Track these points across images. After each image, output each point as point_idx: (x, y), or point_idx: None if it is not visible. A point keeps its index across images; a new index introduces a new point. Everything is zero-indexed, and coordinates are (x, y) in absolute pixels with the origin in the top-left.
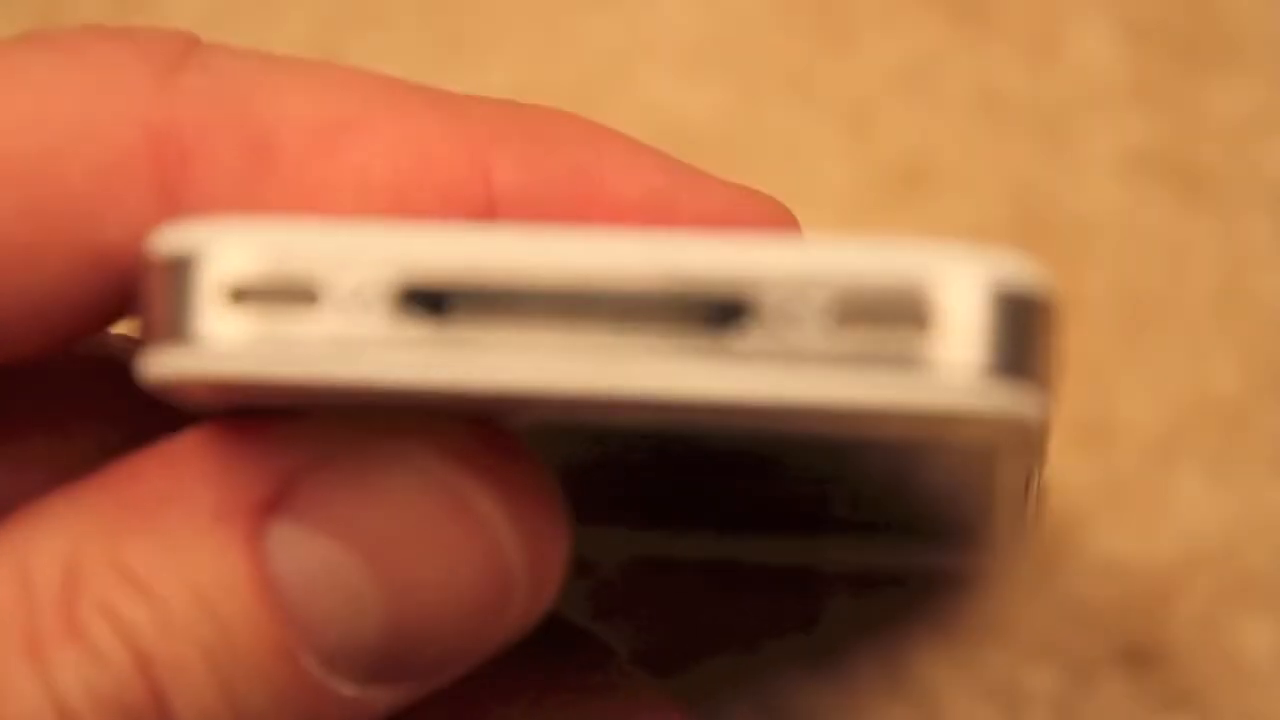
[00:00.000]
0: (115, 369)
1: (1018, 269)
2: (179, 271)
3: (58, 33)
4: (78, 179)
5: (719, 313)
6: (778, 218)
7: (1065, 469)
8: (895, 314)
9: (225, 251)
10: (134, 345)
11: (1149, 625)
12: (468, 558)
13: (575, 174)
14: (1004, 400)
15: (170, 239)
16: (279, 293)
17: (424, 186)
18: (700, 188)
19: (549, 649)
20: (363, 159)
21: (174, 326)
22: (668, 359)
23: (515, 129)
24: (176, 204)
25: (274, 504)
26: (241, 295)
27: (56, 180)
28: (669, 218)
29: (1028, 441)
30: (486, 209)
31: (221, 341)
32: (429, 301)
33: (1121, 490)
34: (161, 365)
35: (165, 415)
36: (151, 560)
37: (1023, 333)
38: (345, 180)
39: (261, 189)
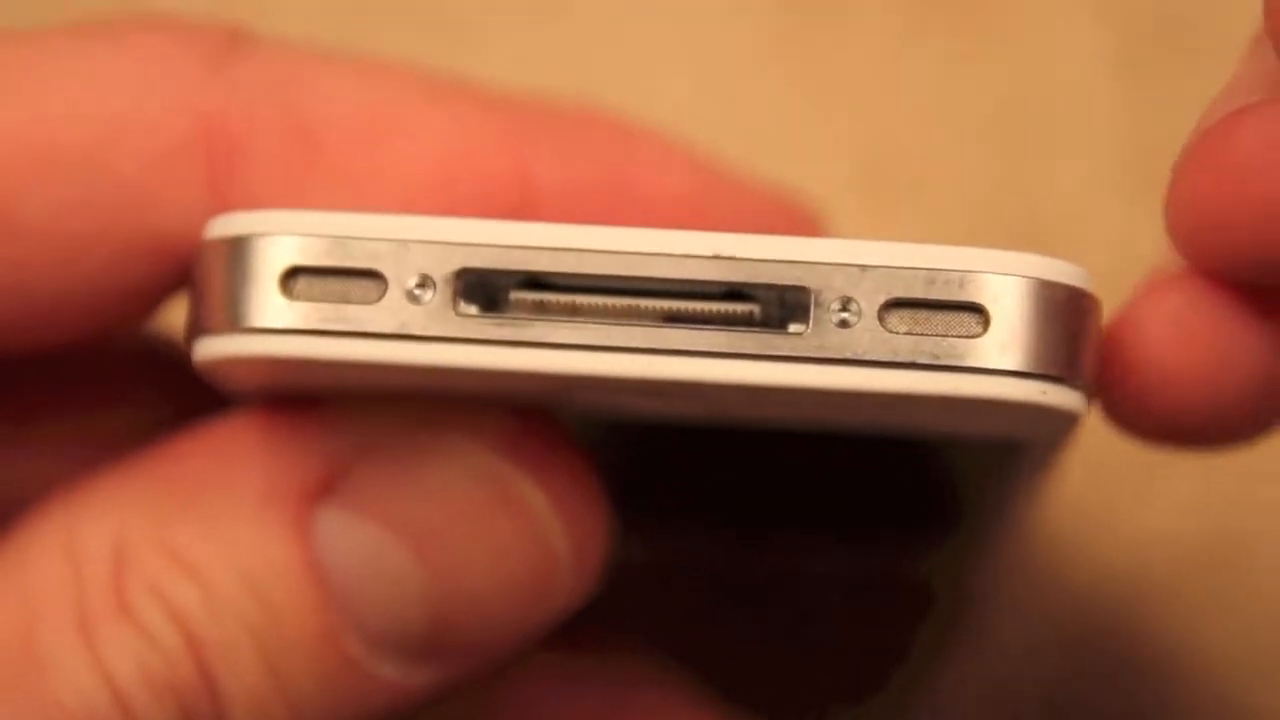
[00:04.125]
0: (148, 354)
1: (1059, 269)
2: (241, 254)
3: (104, 23)
4: (130, 169)
5: (773, 306)
6: (805, 217)
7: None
8: (944, 310)
9: (288, 236)
10: (167, 332)
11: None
12: (513, 546)
13: (611, 172)
14: (1046, 393)
15: (232, 223)
16: (339, 278)
17: (464, 182)
18: (732, 187)
19: (576, 631)
20: (406, 153)
21: (234, 308)
22: (723, 348)
23: (553, 127)
24: (224, 193)
25: (322, 490)
26: (302, 280)
27: (109, 170)
28: (703, 215)
29: (1066, 433)
30: (525, 205)
31: (282, 323)
32: (487, 291)
33: (1122, 484)
34: (220, 346)
35: (200, 400)
36: (200, 543)
37: (1064, 328)
38: (388, 173)
39: (307, 180)
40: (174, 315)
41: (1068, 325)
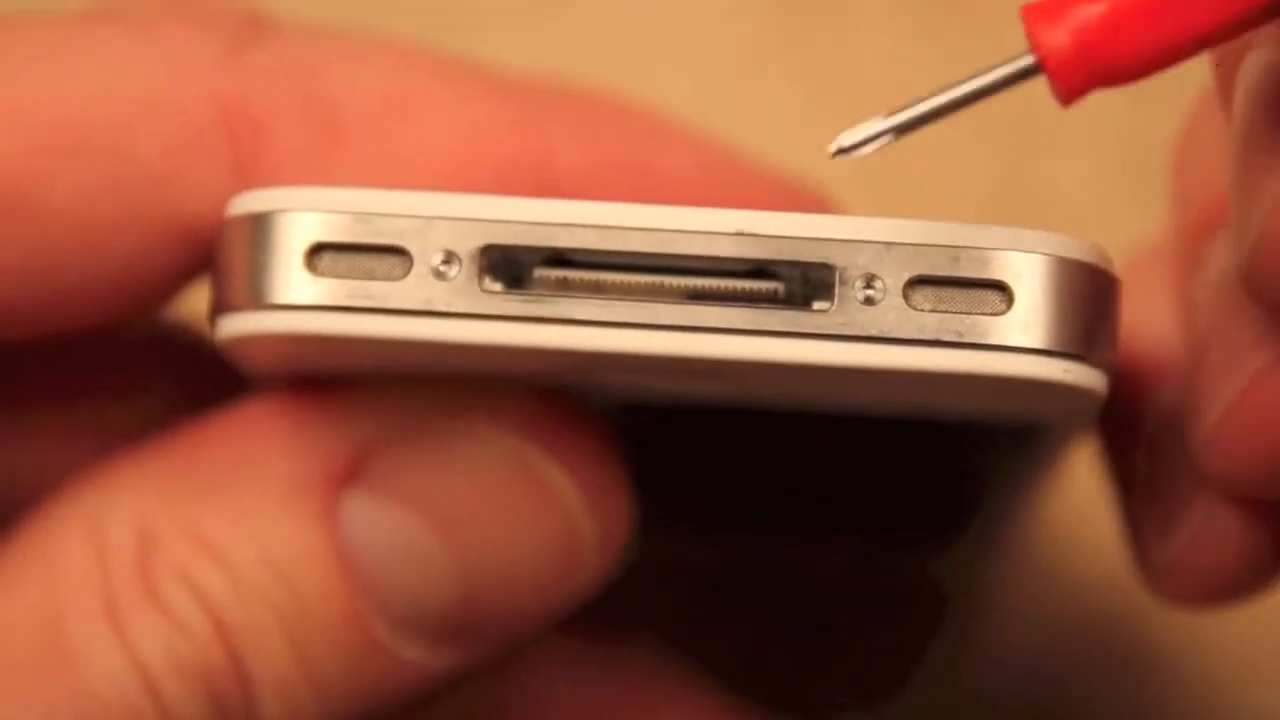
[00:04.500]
0: (163, 339)
1: (1082, 248)
2: (265, 231)
3: (125, 9)
4: (153, 154)
5: (797, 284)
6: (818, 202)
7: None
8: (968, 288)
9: (314, 212)
10: (182, 318)
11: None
12: (539, 530)
13: (629, 155)
14: (1068, 371)
15: (257, 200)
16: (364, 254)
17: (485, 165)
18: (748, 171)
19: (588, 620)
20: (427, 136)
21: (258, 285)
22: (748, 325)
23: (572, 111)
24: (247, 177)
25: (348, 475)
26: (327, 256)
27: (132, 156)
28: (720, 199)
29: (1087, 413)
30: (544, 187)
31: (307, 299)
32: (512, 268)
33: None
34: (243, 324)
35: (216, 385)
36: (226, 528)
37: (1087, 307)
38: (409, 156)
39: (329, 163)
40: (189, 302)
41: (1090, 304)
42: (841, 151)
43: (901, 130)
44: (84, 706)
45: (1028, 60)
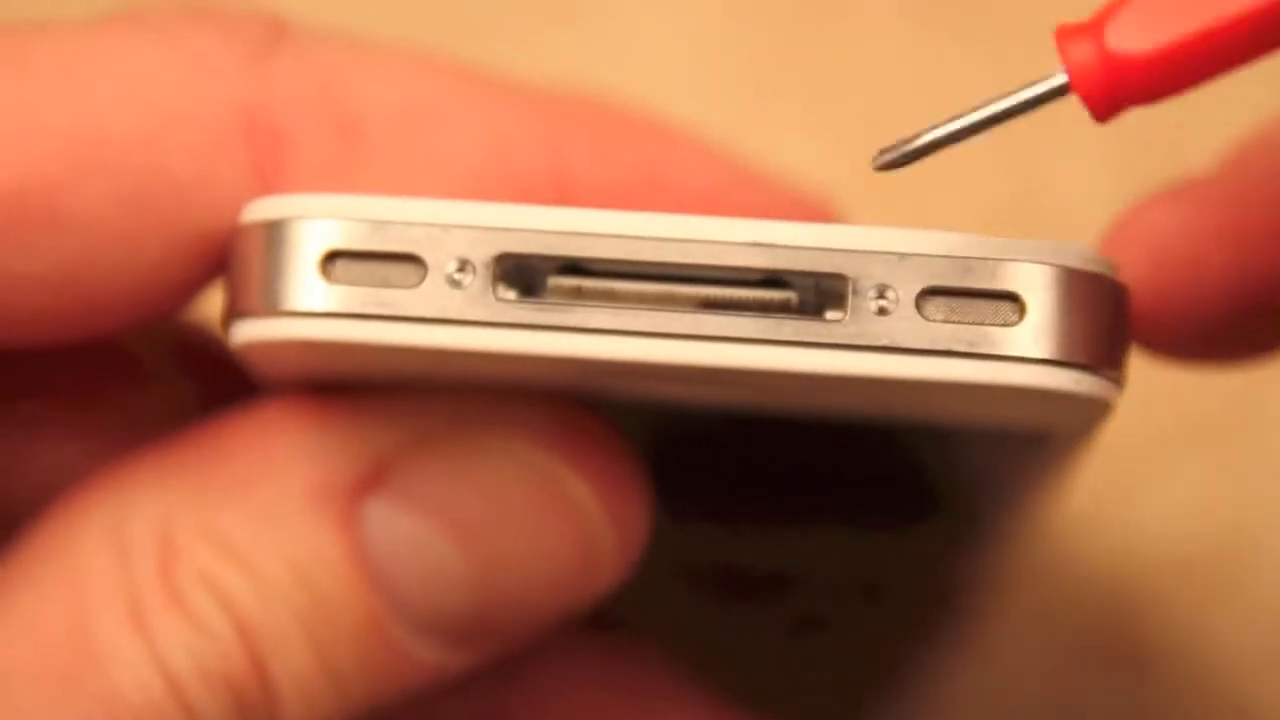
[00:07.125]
0: (177, 338)
1: (1093, 258)
2: (280, 237)
3: (145, 15)
4: (176, 164)
5: (810, 294)
6: (832, 215)
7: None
8: (981, 298)
9: (328, 219)
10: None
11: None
12: (558, 539)
13: (647, 167)
14: (1079, 381)
15: (271, 206)
16: (378, 262)
17: (504, 174)
18: (763, 183)
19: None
20: (448, 146)
21: (272, 291)
22: (761, 335)
23: (590, 123)
24: (269, 185)
25: (370, 483)
26: (341, 263)
27: (157, 166)
28: (734, 212)
29: (1095, 423)
30: (562, 199)
31: (321, 306)
32: (526, 276)
33: (1124, 483)
34: (258, 330)
35: (229, 384)
36: (247, 532)
37: (1098, 317)
38: (430, 165)
39: (350, 171)
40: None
41: (1102, 314)
42: (883, 167)
43: (937, 146)
44: (113, 710)
45: (1059, 79)
